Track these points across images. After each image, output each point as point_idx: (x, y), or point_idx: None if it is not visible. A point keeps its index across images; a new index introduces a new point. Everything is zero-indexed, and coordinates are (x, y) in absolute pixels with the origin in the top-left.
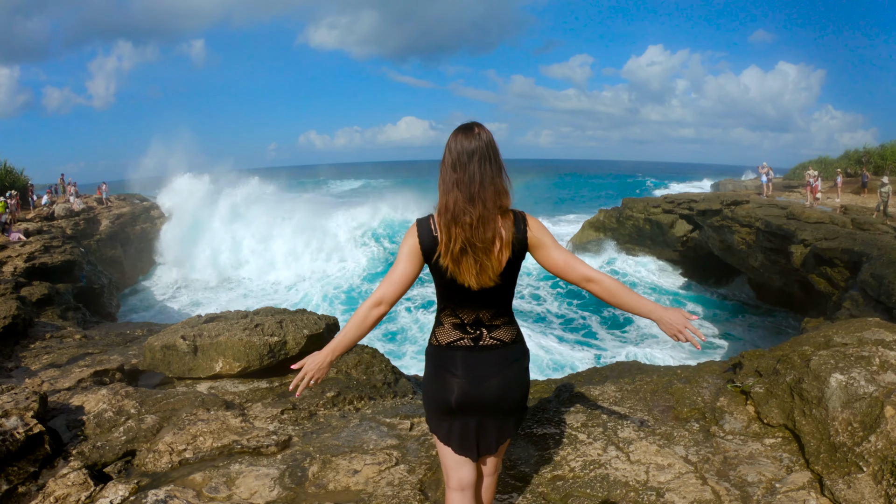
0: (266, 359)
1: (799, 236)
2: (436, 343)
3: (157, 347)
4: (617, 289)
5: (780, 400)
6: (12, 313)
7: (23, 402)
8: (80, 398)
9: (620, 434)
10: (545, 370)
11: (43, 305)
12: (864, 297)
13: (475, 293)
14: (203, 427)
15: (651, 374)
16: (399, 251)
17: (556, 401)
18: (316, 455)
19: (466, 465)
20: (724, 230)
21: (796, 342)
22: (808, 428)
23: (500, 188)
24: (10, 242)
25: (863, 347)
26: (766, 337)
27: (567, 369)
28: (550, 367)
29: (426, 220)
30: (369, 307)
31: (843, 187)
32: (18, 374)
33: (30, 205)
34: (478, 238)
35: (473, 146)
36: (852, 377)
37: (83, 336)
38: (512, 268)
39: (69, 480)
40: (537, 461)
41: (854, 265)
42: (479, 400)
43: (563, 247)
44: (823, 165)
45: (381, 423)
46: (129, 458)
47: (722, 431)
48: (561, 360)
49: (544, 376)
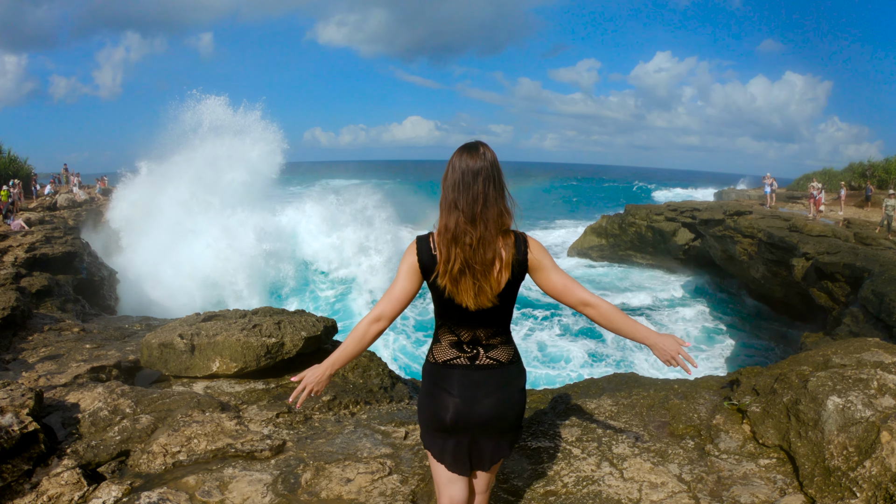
0: (263, 360)
1: (801, 249)
2: (433, 360)
3: (155, 345)
4: (613, 314)
5: (776, 420)
6: (11, 304)
7: (18, 398)
8: (76, 395)
9: (615, 450)
10: (538, 365)
11: (42, 297)
12: (865, 313)
13: (473, 313)
14: (198, 429)
15: (648, 387)
16: (399, 268)
17: (552, 413)
18: (309, 461)
19: (459, 483)
20: (727, 240)
21: (794, 361)
22: (804, 450)
23: (503, 209)
24: (11, 231)
25: (861, 369)
26: (765, 349)
27: (562, 362)
28: (541, 362)
29: (426, 238)
30: (369, 323)
31: (847, 200)
32: (15, 367)
33: (33, 194)
34: (477, 259)
35: (478, 166)
36: (849, 400)
37: (81, 329)
38: (511, 289)
39: (63, 479)
40: (530, 475)
41: (855, 280)
42: (474, 419)
43: (562, 270)
44: (827, 177)
45: (376, 431)
46: (123, 458)
47: (717, 450)
48: (556, 353)
49: (541, 369)
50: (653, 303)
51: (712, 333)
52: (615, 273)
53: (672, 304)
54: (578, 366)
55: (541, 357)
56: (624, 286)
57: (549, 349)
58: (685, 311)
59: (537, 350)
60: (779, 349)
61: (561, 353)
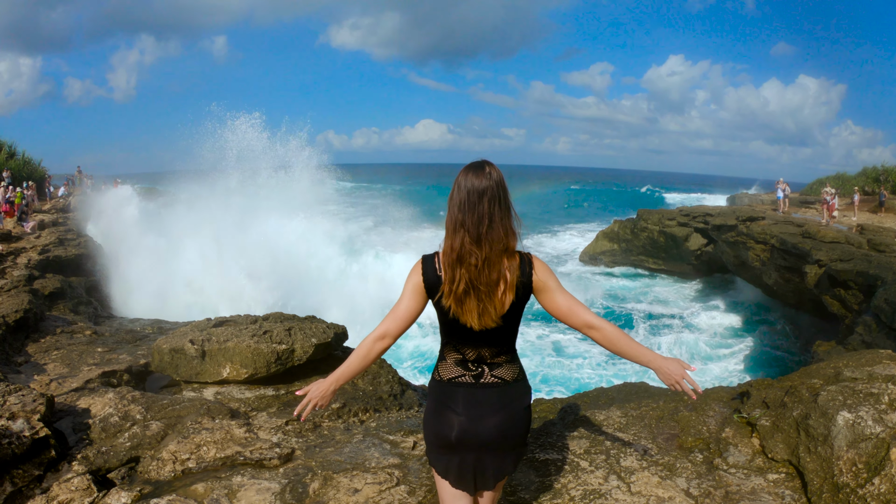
0: (273, 366)
1: (814, 256)
2: (438, 378)
3: (166, 350)
4: (618, 337)
5: (785, 435)
6: (24, 307)
7: (30, 404)
8: (87, 400)
9: (623, 462)
10: (553, 365)
11: (55, 299)
12: (878, 322)
13: (477, 332)
14: (207, 436)
15: (658, 398)
16: (404, 287)
17: (561, 424)
18: (318, 471)
19: (463, 500)
20: (739, 246)
21: (805, 373)
22: (813, 466)
23: (509, 229)
24: (25, 233)
25: (872, 383)
26: (776, 357)
27: (579, 358)
28: (556, 362)
29: (431, 258)
30: (373, 340)
31: (860, 205)
32: (27, 370)
33: (46, 196)
34: (482, 280)
35: (484, 185)
36: (860, 416)
37: (93, 332)
38: (515, 310)
39: (73, 485)
40: (538, 488)
41: (868, 288)
42: (479, 438)
43: (567, 292)
44: (841, 182)
45: (384, 441)
46: (132, 464)
47: (725, 464)
48: (574, 352)
49: (555, 369)
50: (673, 313)
51: (723, 338)
52: (638, 286)
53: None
54: (595, 364)
55: (555, 357)
56: (649, 299)
57: (565, 349)
58: (696, 314)
59: (552, 349)
60: (789, 354)
61: (578, 351)
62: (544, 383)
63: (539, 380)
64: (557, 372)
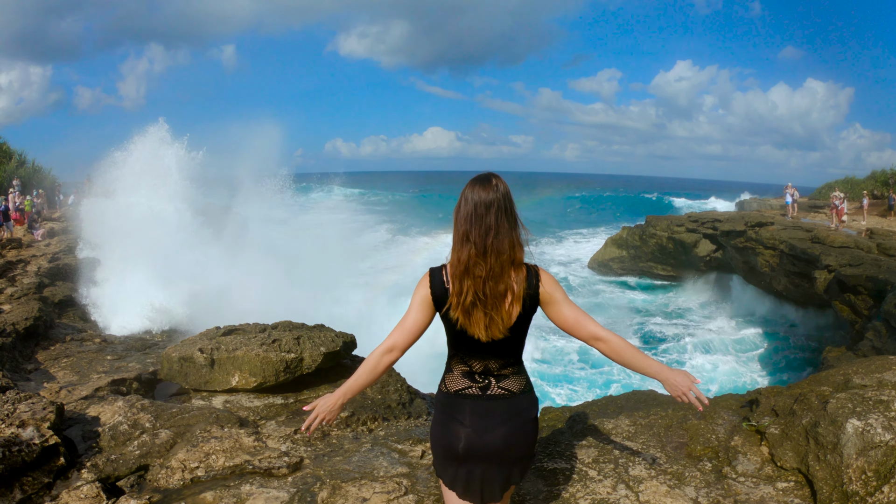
0: (282, 375)
1: (823, 261)
2: (445, 389)
3: (175, 359)
4: (624, 349)
5: (794, 443)
6: (34, 315)
7: (40, 412)
8: (96, 408)
9: (631, 472)
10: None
11: (65, 307)
12: (888, 328)
13: (484, 344)
14: (216, 445)
15: (667, 406)
16: (411, 299)
17: (569, 433)
18: (326, 480)
19: None
20: (748, 252)
21: (815, 380)
22: (822, 474)
23: (516, 241)
24: (35, 241)
25: (882, 390)
26: (785, 363)
27: (605, 367)
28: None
29: (439, 271)
30: (381, 353)
31: (870, 209)
32: (37, 377)
33: (56, 204)
34: (489, 292)
35: (490, 198)
36: (869, 423)
37: (103, 340)
38: (522, 322)
39: (82, 493)
40: (546, 497)
41: (878, 293)
42: (486, 449)
43: (574, 304)
44: (850, 186)
45: (393, 450)
46: (142, 472)
47: (734, 473)
48: (596, 360)
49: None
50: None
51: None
52: (658, 299)
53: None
54: (617, 370)
55: (578, 361)
56: (668, 311)
57: (588, 354)
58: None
59: (575, 353)
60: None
61: (602, 359)
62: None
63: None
64: (581, 374)
